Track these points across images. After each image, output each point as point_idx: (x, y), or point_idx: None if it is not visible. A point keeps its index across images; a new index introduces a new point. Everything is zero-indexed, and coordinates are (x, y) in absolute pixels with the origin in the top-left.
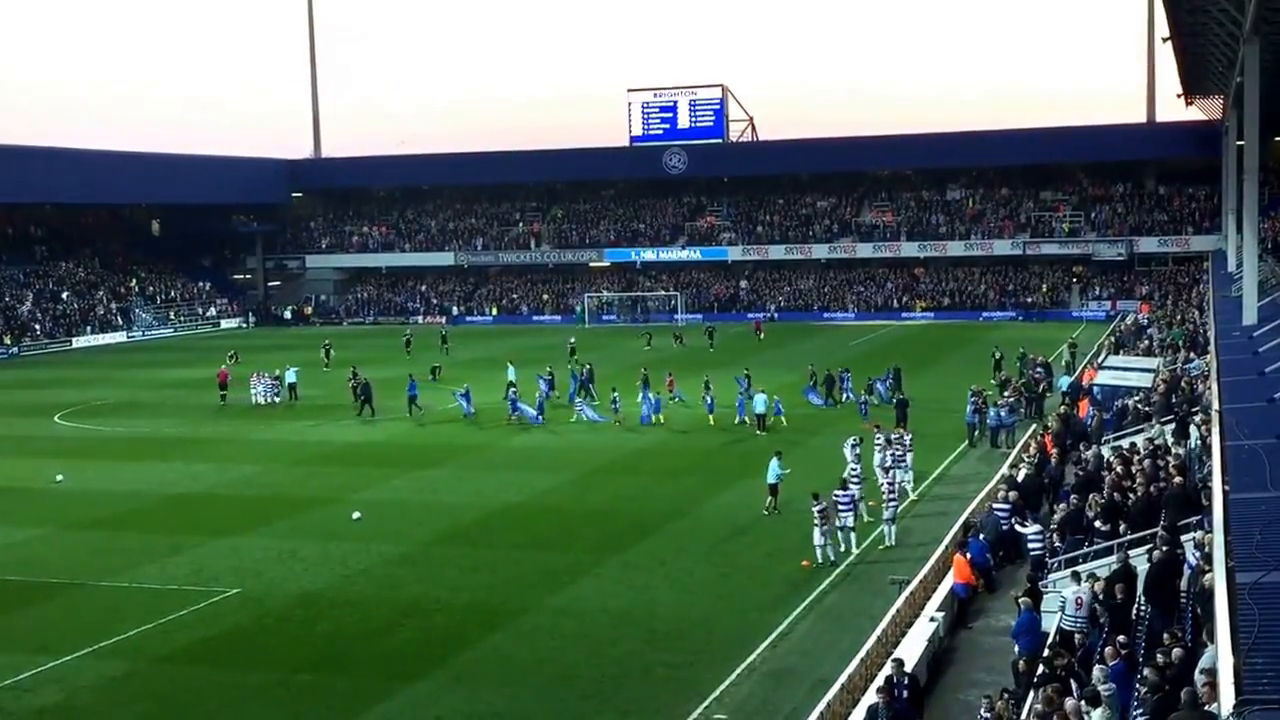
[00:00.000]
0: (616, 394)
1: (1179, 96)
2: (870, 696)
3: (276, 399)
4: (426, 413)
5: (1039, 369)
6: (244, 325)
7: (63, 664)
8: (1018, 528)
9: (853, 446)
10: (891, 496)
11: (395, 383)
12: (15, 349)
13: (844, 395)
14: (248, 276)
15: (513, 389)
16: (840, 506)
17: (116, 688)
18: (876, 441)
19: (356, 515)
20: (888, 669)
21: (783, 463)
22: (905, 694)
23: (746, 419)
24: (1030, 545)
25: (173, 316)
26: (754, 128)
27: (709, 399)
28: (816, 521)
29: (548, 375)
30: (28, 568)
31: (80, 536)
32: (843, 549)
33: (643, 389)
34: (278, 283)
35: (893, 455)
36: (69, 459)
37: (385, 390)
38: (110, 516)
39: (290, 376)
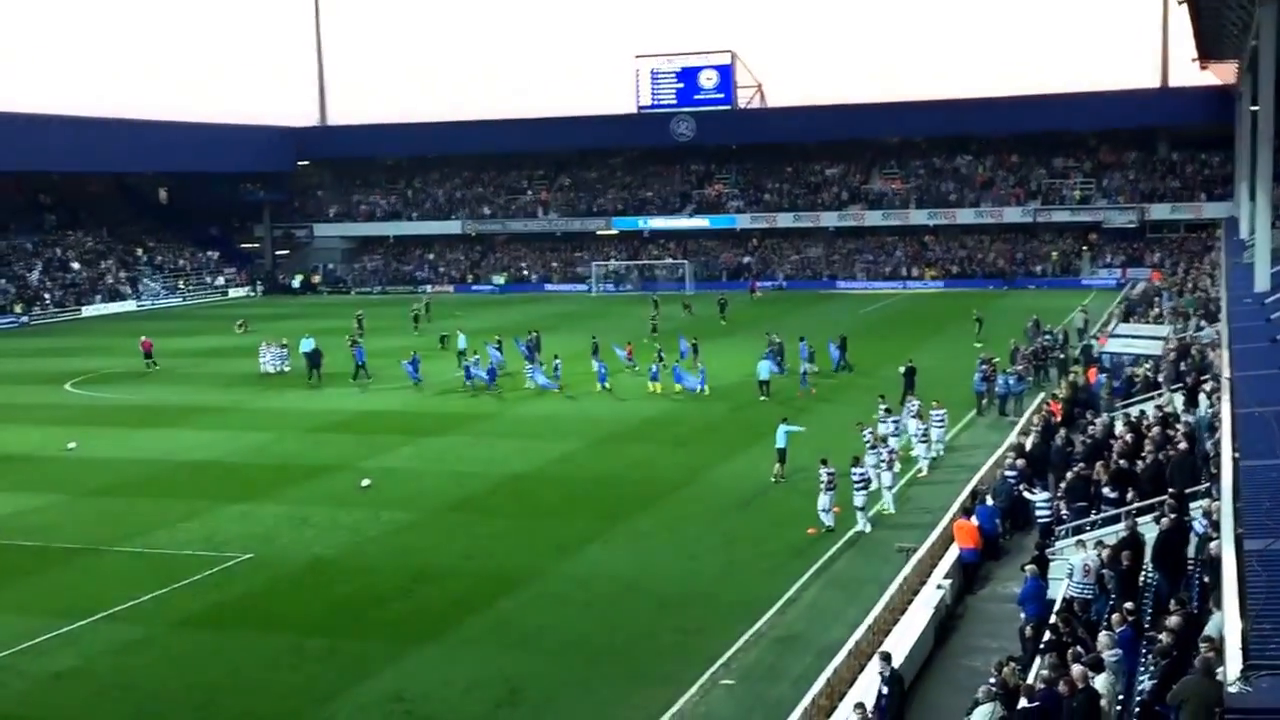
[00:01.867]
0: (559, 361)
1: (1193, 61)
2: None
3: (286, 368)
4: (425, 381)
5: (1047, 336)
6: (252, 294)
7: (78, 628)
8: (1025, 494)
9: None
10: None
11: (398, 354)
12: (25, 318)
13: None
14: (255, 245)
15: (465, 356)
16: (854, 482)
17: (131, 651)
18: (879, 412)
19: (366, 482)
20: (875, 664)
21: (790, 425)
22: (886, 691)
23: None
24: (1038, 512)
25: (181, 285)
26: (763, 94)
27: (654, 368)
28: (823, 487)
29: (496, 343)
30: (42, 534)
31: (93, 503)
32: (859, 527)
33: (593, 356)
34: (285, 252)
35: (895, 422)
36: (80, 426)
37: (387, 359)
38: (122, 483)
39: (306, 346)
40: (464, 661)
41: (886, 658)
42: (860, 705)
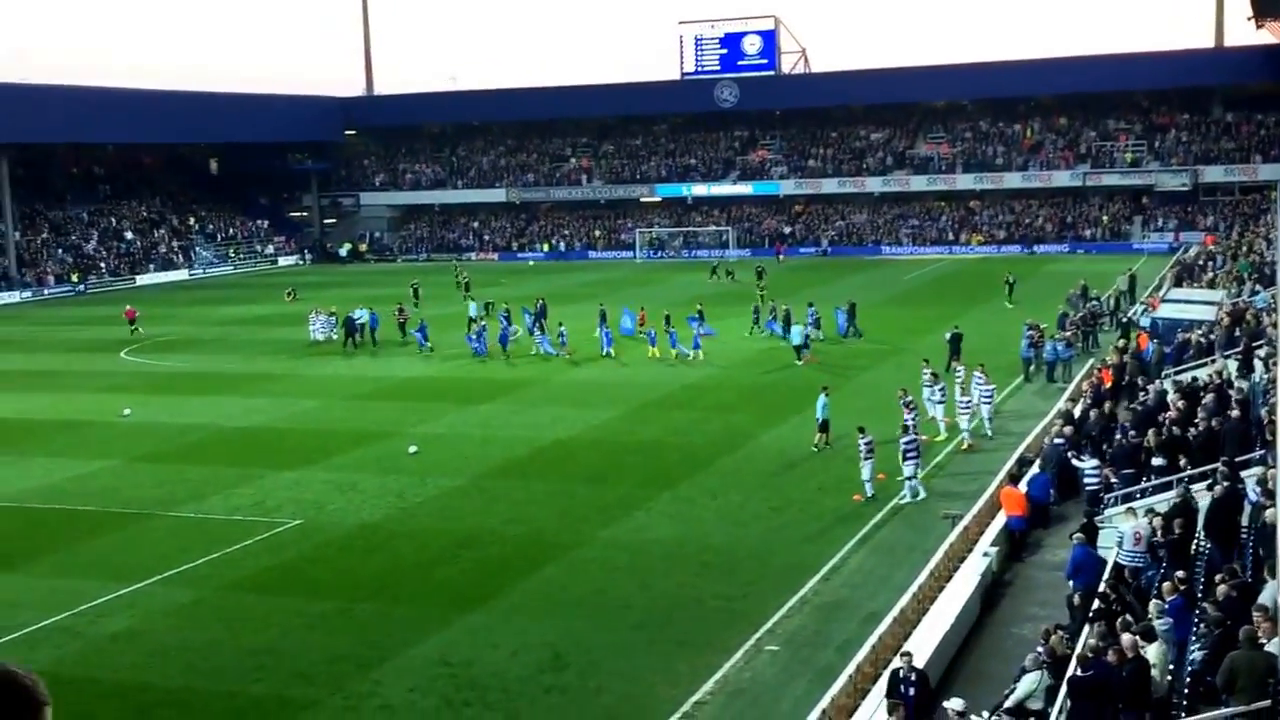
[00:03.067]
0: (564, 328)
1: (1249, 19)
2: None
3: (334, 335)
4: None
5: (1094, 302)
6: (301, 262)
7: (133, 591)
8: (1074, 462)
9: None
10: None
11: (450, 320)
12: (82, 286)
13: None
14: (303, 214)
15: (475, 323)
16: (905, 452)
17: (185, 614)
18: (924, 378)
19: (413, 449)
20: (896, 662)
21: (829, 398)
22: (912, 692)
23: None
24: (1086, 480)
25: (232, 254)
26: (806, 59)
27: (651, 333)
28: (863, 455)
29: (505, 312)
30: (98, 498)
31: (147, 469)
32: (907, 498)
33: (600, 323)
34: (333, 220)
35: (941, 390)
36: (135, 393)
37: (440, 327)
38: (175, 449)
39: (361, 316)
40: (509, 626)
41: (909, 657)
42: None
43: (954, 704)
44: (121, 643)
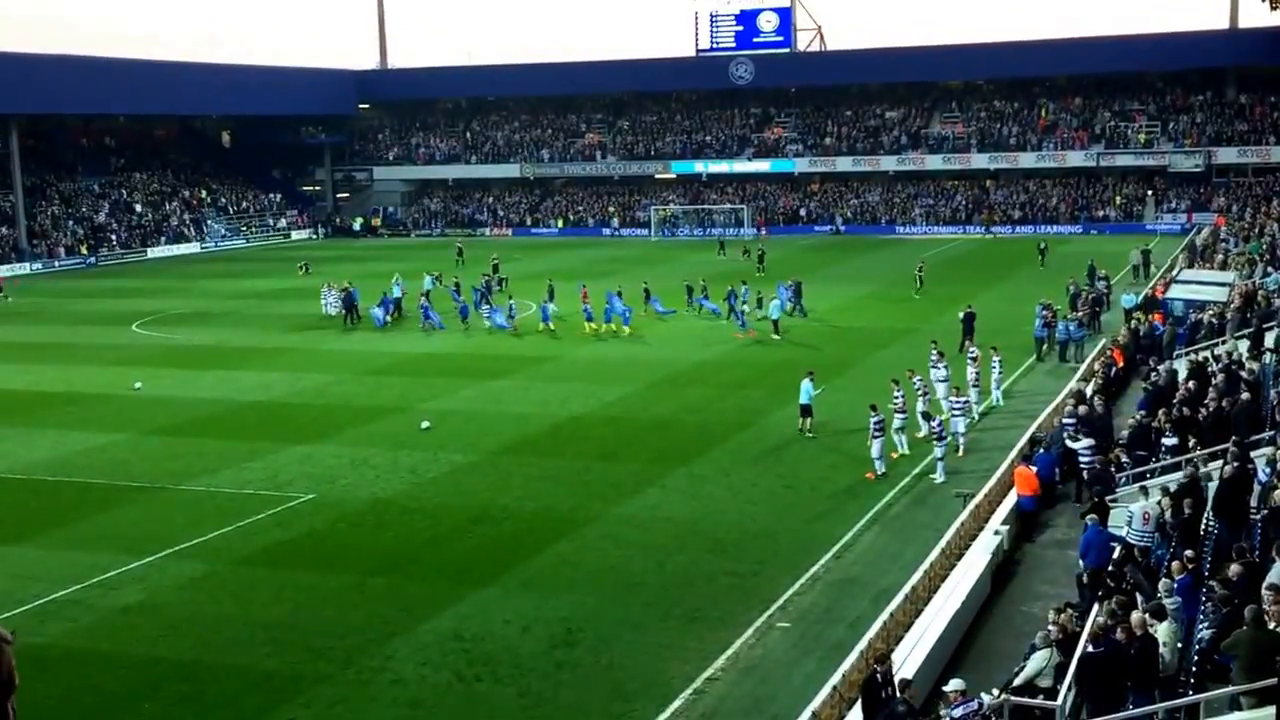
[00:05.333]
0: (513, 302)
1: (1263, 1)
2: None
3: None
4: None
5: (1102, 282)
6: (314, 237)
7: (145, 564)
8: (1068, 443)
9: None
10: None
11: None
12: (93, 258)
13: (742, 306)
14: (317, 188)
15: (425, 297)
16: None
17: (197, 587)
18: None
19: (425, 424)
20: (877, 666)
21: (815, 383)
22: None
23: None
24: (1082, 460)
25: (244, 228)
26: (822, 37)
27: (586, 307)
28: (873, 433)
29: (454, 286)
30: (110, 471)
31: (159, 442)
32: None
33: (548, 297)
34: (346, 194)
35: (945, 368)
36: (147, 366)
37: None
38: (187, 423)
39: (396, 291)
40: (522, 602)
41: (906, 685)
42: None
43: (954, 684)
44: (133, 616)
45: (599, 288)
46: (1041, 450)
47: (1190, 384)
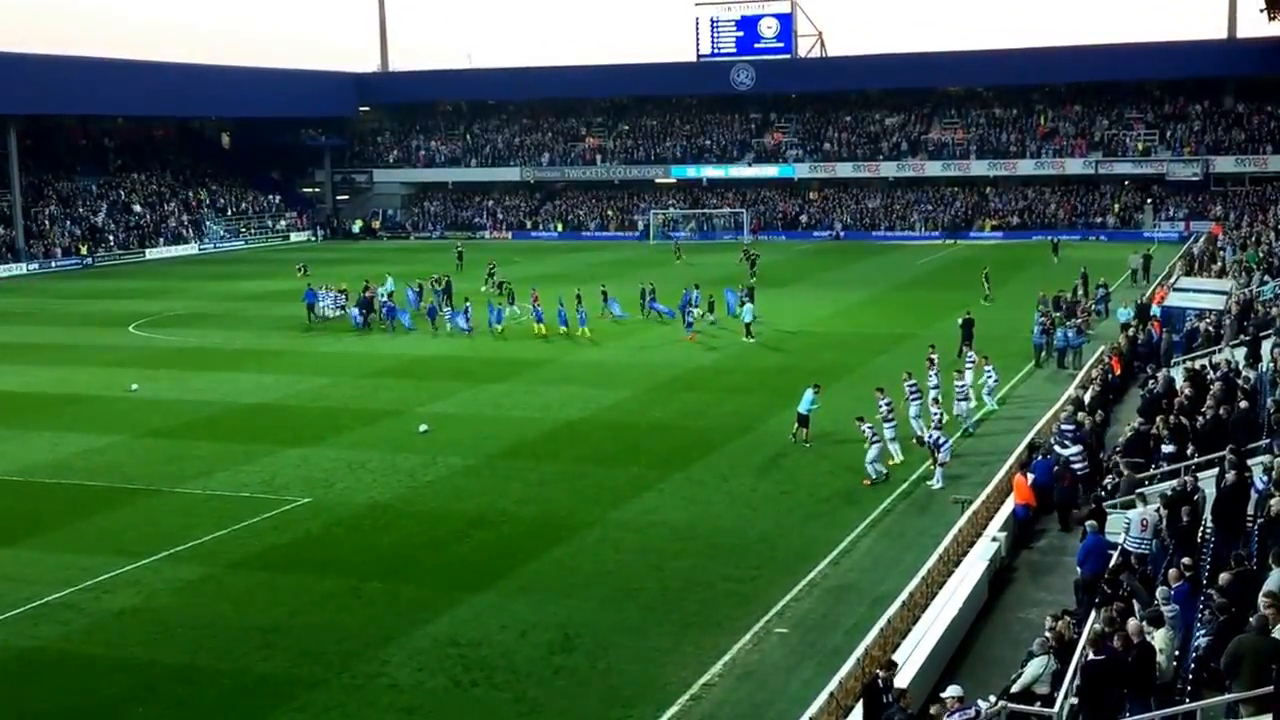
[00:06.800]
0: (469, 304)
1: (1261, 11)
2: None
3: (343, 311)
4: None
5: (1098, 289)
6: (313, 239)
7: (140, 567)
8: (1056, 449)
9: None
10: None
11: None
12: (90, 259)
13: (693, 308)
14: (316, 190)
15: (389, 298)
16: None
17: (192, 590)
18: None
19: (423, 428)
20: (880, 672)
21: (818, 396)
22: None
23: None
24: (1073, 466)
25: (243, 229)
26: (823, 43)
27: (538, 309)
28: (868, 440)
29: (416, 287)
30: (105, 474)
31: (155, 444)
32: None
33: (507, 301)
34: (345, 197)
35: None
36: (143, 368)
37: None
38: (183, 425)
39: (390, 285)
40: (519, 607)
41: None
42: None
43: (952, 690)
44: (127, 619)
45: (591, 291)
46: (1040, 457)
47: (1188, 391)
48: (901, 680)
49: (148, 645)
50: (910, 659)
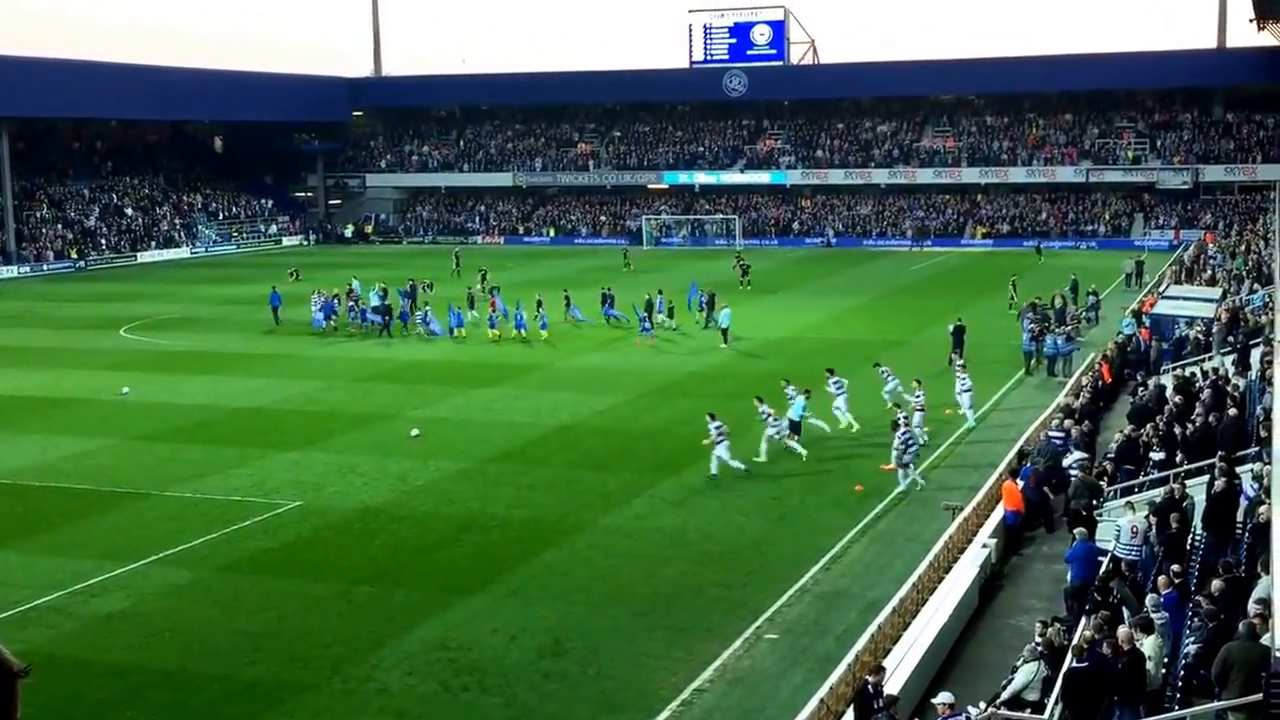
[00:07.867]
0: (429, 308)
1: (1250, 21)
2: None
3: (335, 316)
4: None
5: (1090, 297)
6: (305, 243)
7: (129, 571)
8: (1062, 454)
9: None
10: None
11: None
12: (82, 263)
13: (657, 314)
14: (309, 195)
15: (362, 301)
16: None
17: (181, 594)
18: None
19: (415, 432)
20: (869, 678)
21: (809, 404)
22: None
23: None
24: (1073, 474)
25: (235, 233)
26: (815, 51)
27: (492, 316)
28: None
29: (381, 291)
30: (95, 477)
31: (145, 448)
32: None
33: (467, 305)
34: (338, 201)
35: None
36: (134, 372)
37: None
38: (174, 429)
39: (374, 299)
40: (509, 611)
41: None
42: None
43: (942, 697)
44: (116, 623)
45: (585, 297)
46: (1029, 464)
47: (1177, 399)
48: (892, 687)
49: (136, 649)
50: (901, 665)
